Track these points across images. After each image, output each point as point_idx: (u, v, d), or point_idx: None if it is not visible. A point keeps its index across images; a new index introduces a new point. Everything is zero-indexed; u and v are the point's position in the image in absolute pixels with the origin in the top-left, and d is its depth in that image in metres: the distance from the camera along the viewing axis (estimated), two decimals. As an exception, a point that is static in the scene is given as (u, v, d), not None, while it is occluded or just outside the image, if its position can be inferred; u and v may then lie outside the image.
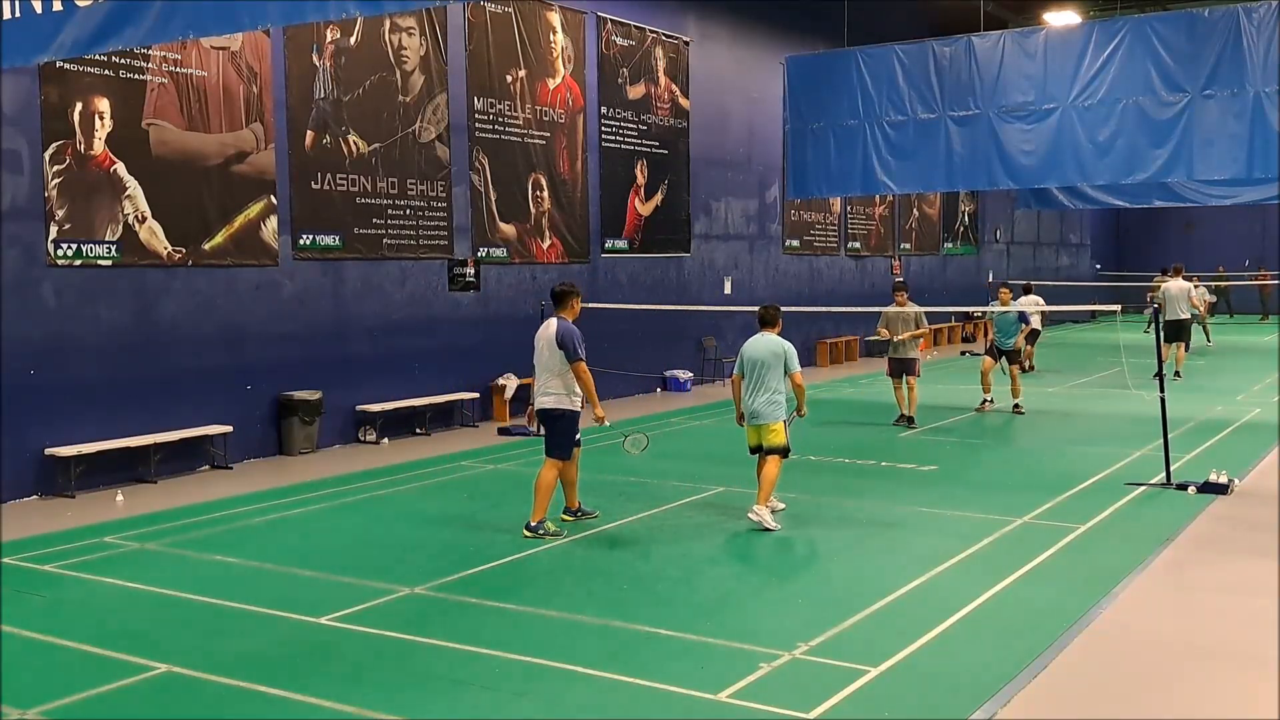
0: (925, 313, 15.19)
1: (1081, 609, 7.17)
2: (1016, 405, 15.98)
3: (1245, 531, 9.18)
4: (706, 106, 20.42)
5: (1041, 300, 21.41)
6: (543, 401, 9.36)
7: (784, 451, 9.57)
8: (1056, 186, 24.41)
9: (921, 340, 15.06)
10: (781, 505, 9.86)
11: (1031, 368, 21.25)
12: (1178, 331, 19.47)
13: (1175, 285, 19.95)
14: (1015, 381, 16.17)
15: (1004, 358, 16.31)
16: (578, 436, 9.46)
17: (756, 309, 10.18)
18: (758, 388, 9.52)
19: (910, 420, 14.87)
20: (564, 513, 9.67)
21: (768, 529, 9.24)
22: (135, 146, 11.74)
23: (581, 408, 9.40)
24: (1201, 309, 22.69)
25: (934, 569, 8.12)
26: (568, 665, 6.29)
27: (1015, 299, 17.60)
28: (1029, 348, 21.44)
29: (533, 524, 9.15)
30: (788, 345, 9.63)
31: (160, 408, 12.04)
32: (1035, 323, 19.68)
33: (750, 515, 9.37)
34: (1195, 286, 24.95)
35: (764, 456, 9.61)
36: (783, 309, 10.22)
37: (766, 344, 9.60)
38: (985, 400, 16.26)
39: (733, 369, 10.06)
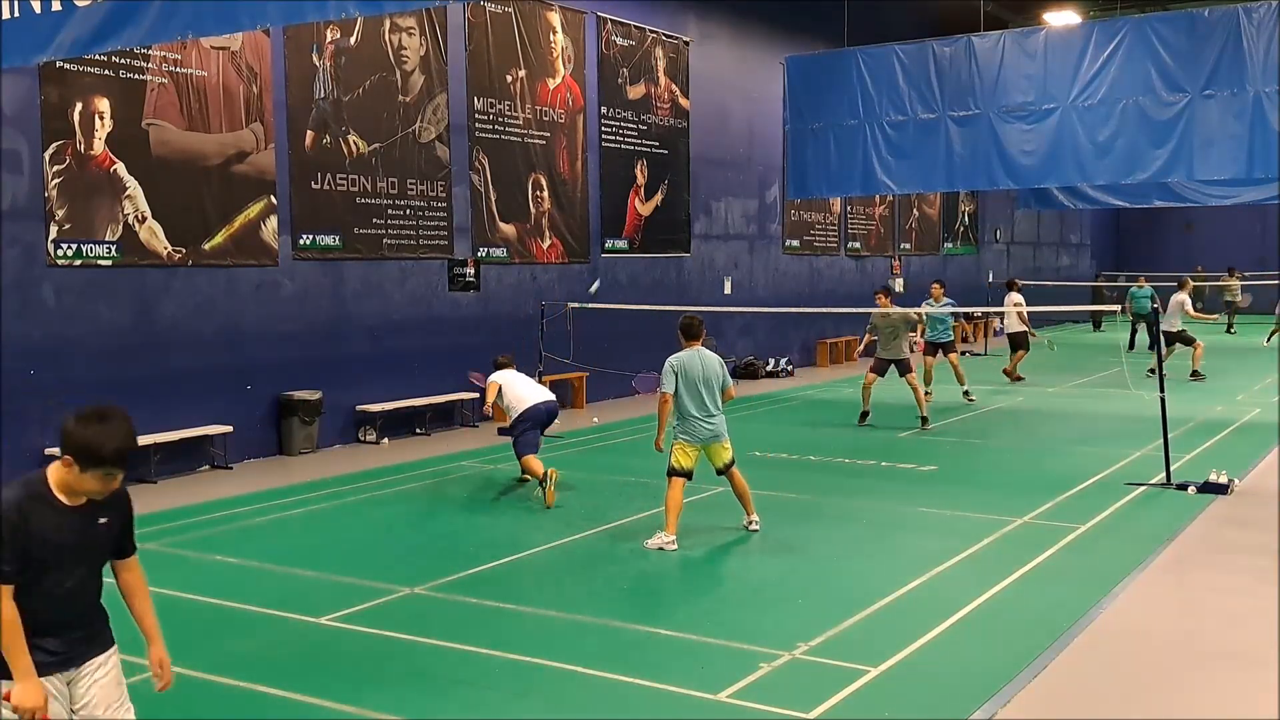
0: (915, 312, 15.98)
1: (1081, 609, 7.17)
2: (966, 393, 16.99)
3: (1245, 531, 9.17)
4: (706, 106, 20.41)
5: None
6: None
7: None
8: (1056, 186, 24.39)
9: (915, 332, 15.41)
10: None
11: (1018, 378, 19.60)
12: (1175, 337, 19.69)
13: (1173, 297, 20.12)
14: (957, 370, 17.23)
15: (940, 350, 17.35)
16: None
17: (680, 321, 9.32)
18: (712, 404, 8.99)
19: (924, 420, 14.74)
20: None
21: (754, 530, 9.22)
22: (135, 146, 11.74)
23: None
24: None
25: (934, 569, 8.12)
26: (568, 665, 6.29)
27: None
28: (1020, 353, 19.68)
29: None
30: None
31: (160, 408, 12.03)
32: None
33: (751, 526, 9.24)
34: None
35: (730, 471, 9.16)
36: (782, 309, 10.15)
37: (711, 359, 9.08)
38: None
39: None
